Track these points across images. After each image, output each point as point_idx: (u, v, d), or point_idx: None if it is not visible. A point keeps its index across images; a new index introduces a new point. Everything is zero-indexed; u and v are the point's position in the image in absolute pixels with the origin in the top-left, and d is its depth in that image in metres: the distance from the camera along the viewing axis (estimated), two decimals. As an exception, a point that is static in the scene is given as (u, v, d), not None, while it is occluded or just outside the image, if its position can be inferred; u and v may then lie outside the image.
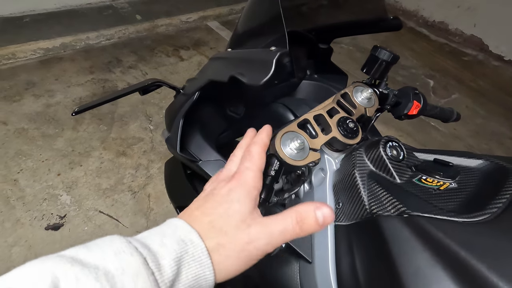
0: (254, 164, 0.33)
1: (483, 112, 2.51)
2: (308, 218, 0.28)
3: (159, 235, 0.26)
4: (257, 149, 0.34)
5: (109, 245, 0.24)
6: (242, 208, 0.29)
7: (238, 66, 0.44)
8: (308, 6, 0.68)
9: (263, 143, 0.36)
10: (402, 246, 0.36)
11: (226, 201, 0.29)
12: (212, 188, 0.32)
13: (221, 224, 0.28)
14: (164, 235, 0.26)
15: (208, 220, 0.28)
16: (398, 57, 0.60)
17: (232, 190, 0.30)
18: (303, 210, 0.29)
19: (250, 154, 0.34)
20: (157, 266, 0.24)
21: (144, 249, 0.24)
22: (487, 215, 0.34)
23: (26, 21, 2.69)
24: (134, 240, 0.25)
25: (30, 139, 1.81)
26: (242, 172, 0.32)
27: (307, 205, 0.29)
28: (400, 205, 0.39)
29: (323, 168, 0.55)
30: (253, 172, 0.32)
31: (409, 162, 0.47)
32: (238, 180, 0.31)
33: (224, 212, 0.29)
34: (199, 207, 0.30)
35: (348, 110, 0.56)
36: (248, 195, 0.30)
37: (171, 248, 0.25)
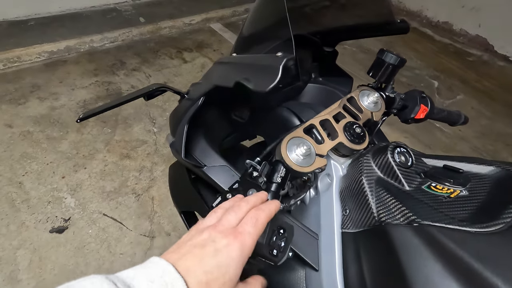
0: (256, 232, 0.33)
1: (489, 113, 2.48)
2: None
3: (146, 278, 0.25)
4: (264, 220, 0.34)
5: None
6: (235, 275, 0.29)
7: (244, 72, 0.43)
8: (313, 9, 0.67)
9: (270, 215, 0.35)
10: (413, 256, 0.35)
11: (225, 262, 0.29)
12: (210, 238, 0.30)
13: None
14: (151, 279, 0.25)
15: (205, 279, 0.27)
16: (405, 60, 0.60)
17: (231, 249, 0.30)
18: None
19: (257, 221, 0.33)
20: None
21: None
22: (501, 225, 0.33)
23: (31, 25, 2.71)
24: (120, 282, 0.24)
25: (35, 141, 1.82)
26: (244, 235, 0.31)
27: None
28: (409, 213, 0.38)
29: (329, 173, 0.55)
30: (253, 240, 0.32)
31: (418, 168, 0.47)
32: (239, 242, 0.30)
33: (221, 276, 0.28)
34: (195, 256, 0.29)
35: (354, 114, 0.56)
36: (242, 263, 0.30)
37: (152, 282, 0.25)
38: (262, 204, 0.36)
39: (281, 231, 0.39)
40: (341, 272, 0.46)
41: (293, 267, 0.53)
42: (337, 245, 0.48)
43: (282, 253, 0.38)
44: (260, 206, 0.35)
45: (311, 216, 0.56)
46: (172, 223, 1.53)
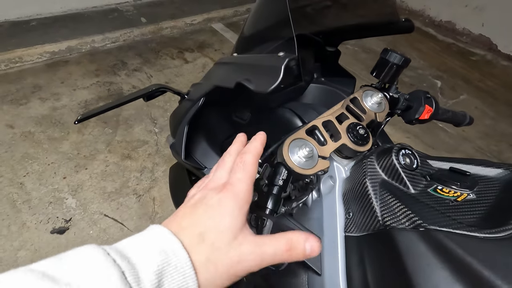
0: (247, 175, 0.31)
1: (492, 113, 2.46)
2: (297, 248, 0.29)
3: (140, 245, 0.25)
4: (251, 159, 0.32)
5: (84, 258, 0.22)
6: (234, 223, 0.28)
7: (245, 72, 0.42)
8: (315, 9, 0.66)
9: (256, 152, 0.34)
10: (419, 262, 0.34)
11: (218, 214, 0.28)
12: (201, 196, 0.30)
13: (212, 239, 0.27)
14: (145, 245, 0.25)
15: (198, 231, 0.27)
16: (410, 60, 0.58)
17: (223, 202, 0.29)
18: (295, 238, 0.29)
19: (244, 164, 0.32)
20: (136, 280, 0.22)
21: (123, 261, 0.23)
22: (511, 231, 0.32)
23: (33, 25, 2.72)
24: (112, 250, 0.23)
25: (36, 142, 1.82)
26: (234, 184, 0.30)
27: (298, 234, 0.30)
28: (415, 218, 0.37)
29: (332, 175, 0.53)
30: (246, 184, 0.30)
31: (423, 170, 0.45)
32: (230, 192, 0.29)
33: (215, 225, 0.27)
34: (187, 216, 0.29)
35: (357, 115, 0.55)
36: (240, 209, 0.29)
37: (152, 260, 0.24)
38: (245, 146, 0.35)
39: None
40: (344, 277, 0.45)
41: (295, 271, 0.52)
42: (340, 249, 0.47)
43: None
44: (243, 150, 0.34)
45: (313, 219, 0.55)
46: (173, 224, 1.52)
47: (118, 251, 0.23)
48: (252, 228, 0.36)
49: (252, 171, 0.32)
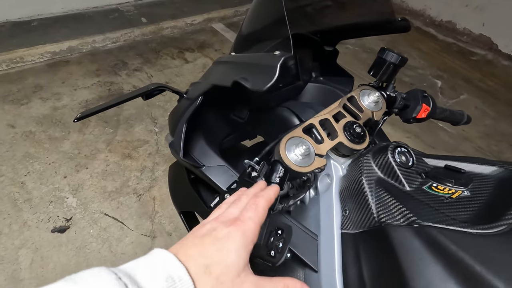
0: (257, 216, 0.33)
1: (493, 113, 2.46)
2: None
3: (148, 269, 0.26)
4: (264, 204, 0.34)
5: (98, 282, 0.23)
6: (239, 260, 0.29)
7: (242, 71, 0.43)
8: (313, 8, 0.67)
9: (269, 199, 0.36)
10: (413, 258, 0.35)
11: (225, 247, 0.29)
12: (211, 228, 0.31)
13: (218, 273, 0.27)
14: (153, 269, 0.25)
15: (204, 262, 0.27)
16: (406, 59, 0.59)
17: (232, 236, 0.30)
18: (291, 285, 0.31)
19: (257, 206, 0.33)
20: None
21: (134, 285, 0.23)
22: (503, 227, 0.32)
23: (34, 25, 2.73)
24: (122, 273, 0.24)
25: (37, 142, 1.83)
26: (245, 221, 0.31)
27: (295, 282, 0.32)
28: (410, 214, 0.38)
29: (329, 173, 0.54)
30: (254, 224, 0.32)
31: (419, 168, 0.46)
32: (240, 227, 0.30)
33: (223, 259, 0.28)
34: (195, 245, 0.29)
35: (354, 114, 0.55)
36: (246, 247, 0.30)
37: (159, 285, 0.24)
38: (261, 191, 0.37)
39: (279, 231, 0.38)
40: (341, 273, 0.46)
41: (292, 268, 0.53)
42: (337, 246, 0.47)
43: (280, 254, 0.38)
44: (259, 193, 0.36)
45: (311, 216, 0.55)
46: (173, 223, 1.53)
47: (128, 275, 0.24)
48: None
49: (262, 215, 0.33)
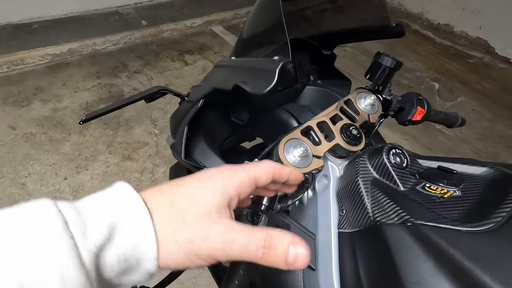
0: (253, 170, 0.28)
1: (490, 115, 2.48)
2: (277, 249, 0.23)
3: (98, 199, 0.23)
4: (268, 167, 0.29)
5: (31, 209, 0.20)
6: (213, 200, 0.25)
7: (242, 75, 0.44)
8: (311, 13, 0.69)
9: (273, 170, 0.30)
10: (406, 255, 0.36)
11: (201, 186, 0.25)
12: (200, 172, 0.28)
13: (183, 206, 0.24)
14: (104, 199, 0.23)
15: (170, 197, 0.25)
16: (401, 63, 0.61)
17: (214, 176, 0.26)
18: (277, 236, 0.24)
19: (258, 165, 0.29)
20: (82, 229, 0.20)
21: (70, 212, 0.21)
22: (491, 224, 0.34)
23: (35, 28, 2.74)
24: (63, 203, 0.21)
25: (38, 143, 1.84)
26: (237, 168, 0.27)
27: (283, 233, 0.24)
28: (403, 213, 0.39)
29: (327, 174, 0.55)
30: (247, 175, 0.27)
31: (413, 169, 0.47)
32: (226, 170, 0.27)
33: (192, 195, 0.25)
34: (171, 184, 0.26)
35: (351, 116, 0.57)
36: (225, 192, 0.26)
37: (107, 212, 0.22)
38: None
39: None
40: (338, 271, 0.47)
41: (290, 266, 0.54)
42: (334, 245, 0.48)
43: None
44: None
45: (309, 216, 0.57)
46: (173, 224, 1.54)
47: (70, 204, 0.22)
48: (248, 222, 0.38)
49: (263, 174, 0.29)
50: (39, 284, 0.17)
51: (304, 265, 0.23)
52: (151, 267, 0.23)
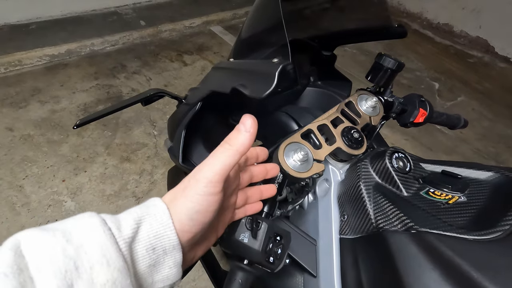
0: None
1: (490, 114, 2.47)
2: (233, 133, 0.29)
3: (131, 208, 0.28)
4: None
5: (77, 218, 0.25)
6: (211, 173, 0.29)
7: (240, 78, 0.43)
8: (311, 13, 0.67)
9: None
10: (410, 263, 0.35)
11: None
12: None
13: (185, 184, 0.29)
14: (134, 207, 0.28)
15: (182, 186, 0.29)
16: (403, 64, 0.59)
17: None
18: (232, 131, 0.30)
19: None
20: (116, 225, 0.24)
21: (108, 216, 0.25)
22: (499, 233, 0.33)
23: (32, 28, 2.73)
24: (111, 219, 0.26)
25: (36, 145, 1.82)
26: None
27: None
28: (407, 220, 0.38)
29: (328, 178, 0.54)
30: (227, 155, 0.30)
31: (416, 174, 0.46)
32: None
33: (194, 173, 0.29)
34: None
35: (352, 119, 0.55)
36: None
37: (134, 211, 0.26)
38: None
39: (278, 238, 0.38)
40: (339, 279, 0.46)
41: (291, 273, 0.53)
42: (335, 251, 0.47)
43: (279, 260, 0.38)
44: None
45: (309, 221, 0.56)
46: (172, 227, 1.52)
47: (115, 219, 0.26)
48: (247, 230, 0.37)
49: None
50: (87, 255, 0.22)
51: (252, 128, 0.29)
52: (177, 255, 0.27)
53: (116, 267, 0.22)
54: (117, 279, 0.22)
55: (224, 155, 0.28)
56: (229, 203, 0.35)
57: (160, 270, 0.26)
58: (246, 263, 0.37)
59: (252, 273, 0.37)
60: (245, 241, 0.36)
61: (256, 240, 0.36)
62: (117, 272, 0.22)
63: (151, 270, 0.26)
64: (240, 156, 0.28)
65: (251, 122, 0.29)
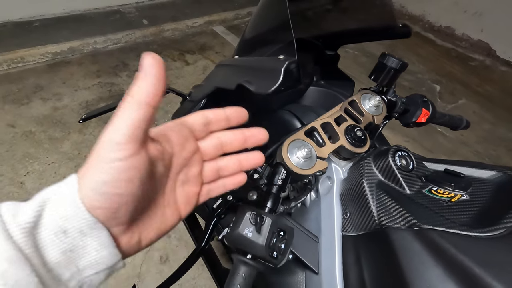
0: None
1: (491, 117, 2.48)
2: (134, 82, 0.23)
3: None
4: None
5: None
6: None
7: (246, 74, 0.43)
8: (315, 13, 0.68)
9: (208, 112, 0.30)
10: (413, 260, 0.35)
11: None
12: None
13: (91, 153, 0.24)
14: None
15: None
16: (407, 64, 0.60)
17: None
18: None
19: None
20: (12, 212, 0.21)
21: (8, 202, 0.22)
22: (502, 230, 0.33)
23: (36, 26, 2.73)
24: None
25: (37, 142, 1.83)
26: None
27: None
28: (410, 217, 0.38)
29: (330, 176, 0.55)
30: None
31: (419, 172, 0.47)
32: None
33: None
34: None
35: (355, 118, 0.56)
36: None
37: (42, 193, 0.22)
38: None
39: (281, 233, 0.39)
40: (341, 276, 0.46)
41: (293, 270, 0.53)
42: (338, 248, 0.48)
43: (282, 256, 0.38)
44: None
45: (311, 219, 0.56)
46: (173, 225, 1.53)
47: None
48: (251, 225, 0.37)
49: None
50: None
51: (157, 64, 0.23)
52: (102, 236, 0.23)
53: (3, 257, 0.19)
54: (7, 270, 0.19)
55: (128, 110, 0.22)
56: (187, 175, 0.29)
57: (83, 255, 0.23)
58: (250, 258, 0.37)
59: (256, 268, 0.37)
60: (249, 236, 0.37)
61: (260, 235, 0.37)
62: (6, 263, 0.19)
63: (70, 256, 0.22)
64: (150, 108, 0.23)
65: (150, 62, 0.22)
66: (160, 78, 0.23)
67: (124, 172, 0.22)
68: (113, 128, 0.22)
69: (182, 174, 0.29)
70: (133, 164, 0.22)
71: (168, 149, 0.27)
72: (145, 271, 1.35)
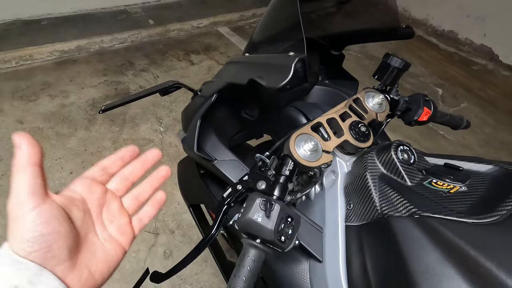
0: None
1: (492, 121, 2.49)
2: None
3: None
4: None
5: None
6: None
7: (257, 70, 0.46)
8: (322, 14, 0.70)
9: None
10: (413, 245, 0.38)
11: None
12: None
13: None
14: None
15: None
16: (410, 64, 0.62)
17: None
18: None
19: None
20: None
21: None
22: (497, 217, 0.35)
23: (44, 24, 2.78)
24: None
25: (45, 138, 1.86)
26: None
27: None
28: (411, 206, 0.40)
29: (335, 170, 0.57)
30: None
31: (420, 165, 0.49)
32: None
33: None
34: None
35: (359, 114, 0.58)
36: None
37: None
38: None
39: (289, 219, 0.41)
40: (344, 263, 0.48)
41: (297, 258, 0.55)
42: (341, 238, 0.50)
43: (290, 240, 0.40)
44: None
45: (316, 211, 0.58)
46: (176, 221, 1.55)
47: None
48: (261, 211, 0.40)
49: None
50: None
51: None
52: (49, 280, 0.25)
53: None
54: None
55: (20, 174, 0.27)
56: (110, 212, 0.35)
57: None
58: (259, 242, 0.39)
59: (264, 251, 0.40)
60: (259, 220, 0.39)
61: (269, 220, 0.39)
62: None
63: None
64: (36, 166, 0.28)
65: (19, 137, 0.27)
66: (32, 143, 0.28)
67: (39, 217, 0.26)
68: (14, 191, 0.26)
69: (105, 213, 0.34)
70: (44, 210, 0.26)
71: (76, 197, 0.32)
72: (149, 265, 1.37)
